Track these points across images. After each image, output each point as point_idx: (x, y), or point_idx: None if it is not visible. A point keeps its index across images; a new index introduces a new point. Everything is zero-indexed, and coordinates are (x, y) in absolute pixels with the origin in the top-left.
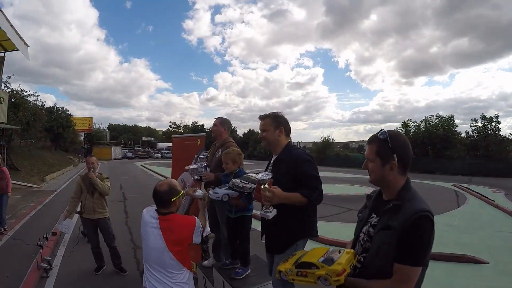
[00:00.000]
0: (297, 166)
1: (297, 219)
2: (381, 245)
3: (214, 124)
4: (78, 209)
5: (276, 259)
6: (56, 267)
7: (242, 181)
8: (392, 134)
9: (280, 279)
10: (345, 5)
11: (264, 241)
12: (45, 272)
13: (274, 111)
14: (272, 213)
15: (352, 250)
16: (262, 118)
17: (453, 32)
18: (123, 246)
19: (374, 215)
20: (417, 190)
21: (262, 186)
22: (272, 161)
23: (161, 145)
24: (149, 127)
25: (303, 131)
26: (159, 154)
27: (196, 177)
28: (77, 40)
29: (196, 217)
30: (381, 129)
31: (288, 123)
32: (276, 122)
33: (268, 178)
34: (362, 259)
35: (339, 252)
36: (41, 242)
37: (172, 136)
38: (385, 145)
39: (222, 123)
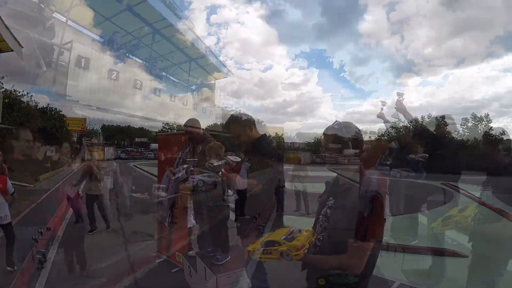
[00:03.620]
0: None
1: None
2: (336, 223)
3: (189, 132)
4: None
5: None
6: (50, 259)
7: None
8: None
9: (249, 259)
10: (341, 6)
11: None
12: (40, 263)
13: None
14: (232, 197)
15: (310, 229)
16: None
17: (447, 33)
18: (114, 240)
19: (331, 198)
20: (402, 186)
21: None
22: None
23: (154, 145)
24: (142, 128)
25: (297, 132)
26: (152, 155)
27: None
28: (71, 39)
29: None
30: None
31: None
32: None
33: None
34: (321, 238)
35: (300, 231)
36: (36, 236)
37: (158, 134)
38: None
39: (194, 125)
